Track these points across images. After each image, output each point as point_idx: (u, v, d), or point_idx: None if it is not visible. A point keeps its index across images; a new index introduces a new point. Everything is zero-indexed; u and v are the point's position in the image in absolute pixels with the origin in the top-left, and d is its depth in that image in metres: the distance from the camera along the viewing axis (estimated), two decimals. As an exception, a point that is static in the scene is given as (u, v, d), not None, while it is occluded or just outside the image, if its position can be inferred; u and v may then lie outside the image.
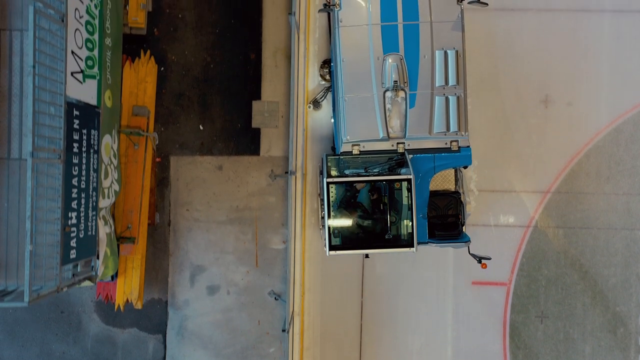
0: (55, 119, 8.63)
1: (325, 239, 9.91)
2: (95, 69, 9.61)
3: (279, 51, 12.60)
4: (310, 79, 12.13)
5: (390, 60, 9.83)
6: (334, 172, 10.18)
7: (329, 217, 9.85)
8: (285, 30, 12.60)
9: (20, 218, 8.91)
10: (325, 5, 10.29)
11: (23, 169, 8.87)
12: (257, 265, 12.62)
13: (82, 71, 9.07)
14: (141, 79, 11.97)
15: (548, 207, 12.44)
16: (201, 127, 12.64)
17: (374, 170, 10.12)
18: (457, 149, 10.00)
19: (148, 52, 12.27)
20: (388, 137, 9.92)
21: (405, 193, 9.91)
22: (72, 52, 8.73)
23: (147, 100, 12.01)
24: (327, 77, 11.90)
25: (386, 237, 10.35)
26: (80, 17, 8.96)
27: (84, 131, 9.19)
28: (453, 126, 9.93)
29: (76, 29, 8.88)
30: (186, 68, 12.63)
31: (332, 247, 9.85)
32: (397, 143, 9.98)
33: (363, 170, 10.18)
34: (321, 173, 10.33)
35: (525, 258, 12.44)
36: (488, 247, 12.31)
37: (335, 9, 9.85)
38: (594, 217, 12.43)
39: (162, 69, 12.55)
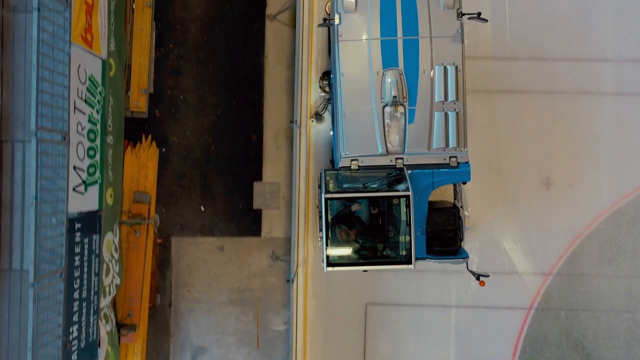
0: (57, 232, 8.64)
1: (323, 255, 9.83)
2: (97, 174, 9.63)
3: (280, 132, 12.62)
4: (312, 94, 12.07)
5: (389, 75, 9.82)
6: (332, 187, 10.11)
7: (326, 234, 9.80)
8: (286, 112, 12.63)
9: (21, 330, 8.90)
10: (325, 20, 10.27)
11: (24, 280, 8.87)
12: (259, 347, 12.60)
13: (83, 182, 9.09)
14: (142, 165, 12.00)
15: (550, 289, 12.42)
16: (202, 208, 12.65)
17: (373, 186, 10.06)
18: (456, 164, 9.99)
19: (149, 136, 12.31)
20: (387, 153, 9.91)
21: (403, 209, 9.86)
22: (75, 168, 8.75)
23: (148, 185, 12.03)
24: (327, 88, 11.89)
25: (384, 253, 10.29)
26: (82, 129, 8.99)
27: (86, 240, 9.20)
28: (452, 142, 9.93)
29: (78, 142, 8.90)
30: (187, 149, 12.66)
31: (329, 264, 9.74)
32: (396, 158, 9.96)
33: (361, 186, 10.11)
34: (319, 187, 10.30)
35: (527, 341, 12.40)
36: (489, 329, 12.30)
37: (335, 24, 9.83)
38: (596, 300, 12.40)
39: (164, 150, 12.57)
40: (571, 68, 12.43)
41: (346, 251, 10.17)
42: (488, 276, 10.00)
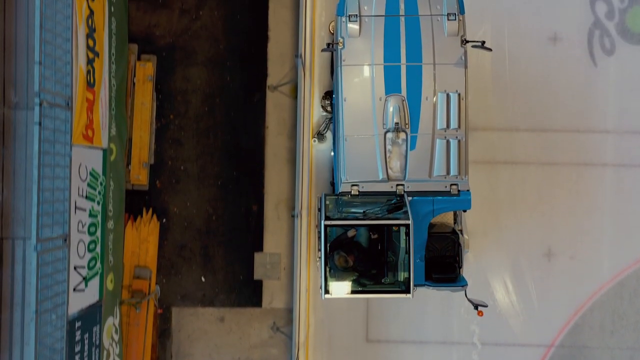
0: (57, 331, 8.61)
1: (321, 282, 9.71)
2: (98, 265, 9.60)
3: (281, 203, 12.61)
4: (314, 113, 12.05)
5: (392, 102, 9.75)
6: (331, 212, 10.04)
7: (325, 261, 9.67)
8: (287, 182, 12.61)
9: None
10: (328, 44, 10.26)
11: (24, 375, 8.85)
12: (259, 419, 12.56)
13: (84, 278, 9.06)
14: (143, 239, 11.98)
15: (552, 361, 12.40)
16: (203, 279, 12.62)
17: (374, 210, 10.01)
18: (456, 192, 9.91)
19: (150, 210, 12.29)
20: (387, 179, 9.82)
21: (403, 236, 9.78)
22: (75, 268, 8.72)
23: (148, 260, 12.00)
24: (329, 108, 11.84)
25: (383, 281, 10.22)
26: (83, 227, 8.97)
27: (86, 336, 9.16)
28: (453, 170, 9.86)
29: (79, 241, 8.88)
30: (188, 220, 12.64)
31: (327, 291, 9.65)
32: (397, 185, 9.86)
33: (362, 211, 10.06)
34: (319, 210, 10.25)
35: (529, 414, 12.37)
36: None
37: (339, 48, 9.79)
38: (599, 372, 12.38)
39: (164, 220, 12.55)
40: (572, 139, 12.44)
41: (344, 278, 10.08)
42: (486, 306, 9.93)
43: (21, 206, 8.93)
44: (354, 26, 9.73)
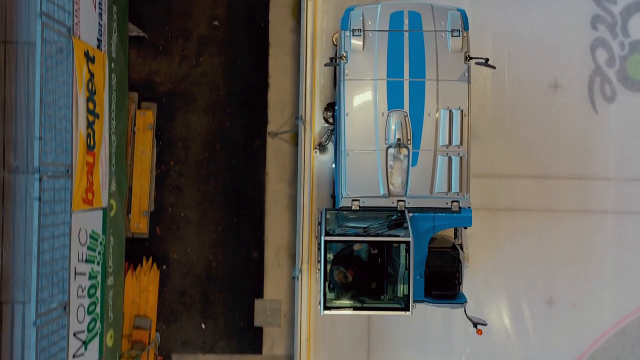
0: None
1: (320, 297, 9.61)
2: (97, 325, 9.57)
3: (282, 249, 12.58)
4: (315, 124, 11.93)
5: (394, 117, 9.68)
6: (332, 227, 9.95)
7: (325, 277, 9.59)
8: (287, 229, 12.59)
9: None
10: (331, 59, 10.16)
11: None
12: None
13: (84, 342, 9.03)
14: (143, 288, 11.95)
15: (553, 409, 12.34)
16: (203, 326, 12.58)
17: (375, 225, 9.89)
18: (457, 209, 9.86)
19: (150, 259, 12.26)
20: (388, 195, 9.76)
21: (403, 253, 9.69)
22: (75, 334, 8.69)
23: (148, 309, 11.97)
24: (331, 120, 11.72)
25: (382, 298, 10.14)
26: (83, 291, 8.94)
27: (86, 399, 9.12)
28: (455, 187, 9.80)
29: (79, 306, 8.85)
30: (188, 266, 12.61)
31: (326, 307, 9.55)
32: (398, 201, 9.80)
33: (362, 226, 9.94)
34: (319, 223, 10.20)
35: None
36: None
37: (342, 62, 9.74)
38: (600, 421, 12.32)
39: (164, 267, 12.53)
40: (573, 186, 12.40)
41: (344, 295, 10.02)
42: (485, 324, 9.88)
43: (21, 270, 8.92)
44: (357, 41, 9.68)
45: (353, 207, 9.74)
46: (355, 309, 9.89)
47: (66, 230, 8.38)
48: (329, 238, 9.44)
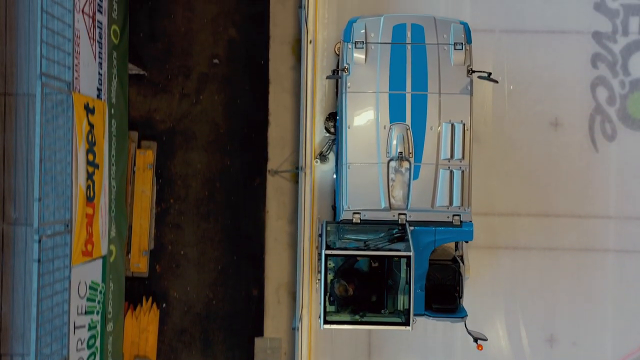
0: None
1: (320, 311, 9.58)
2: (97, 373, 9.54)
3: (282, 287, 12.55)
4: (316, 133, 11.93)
5: (396, 130, 9.70)
6: (332, 240, 9.85)
7: (325, 290, 9.55)
8: (287, 267, 12.56)
9: None
10: (334, 71, 10.16)
11: None
12: None
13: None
14: (143, 328, 11.92)
15: None
16: (203, 364, 12.56)
17: (376, 238, 9.82)
18: (459, 223, 9.84)
19: (150, 299, 12.22)
20: (390, 208, 9.76)
21: (403, 267, 9.62)
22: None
23: (148, 349, 11.94)
24: (332, 129, 11.72)
25: (382, 312, 10.09)
26: (82, 343, 8.91)
27: None
28: (456, 201, 9.80)
29: (78, 359, 8.81)
30: (188, 304, 12.57)
31: (327, 321, 9.51)
32: (399, 214, 9.80)
33: (363, 239, 9.86)
34: (320, 235, 10.19)
35: None
36: None
37: (344, 74, 9.71)
38: None
39: (164, 305, 12.49)
40: (574, 225, 12.37)
41: (344, 308, 9.96)
42: (486, 339, 9.86)
43: (20, 322, 8.88)
44: (360, 54, 9.68)
45: (354, 220, 9.74)
46: (355, 323, 9.86)
47: (65, 286, 8.35)
48: (329, 252, 9.38)
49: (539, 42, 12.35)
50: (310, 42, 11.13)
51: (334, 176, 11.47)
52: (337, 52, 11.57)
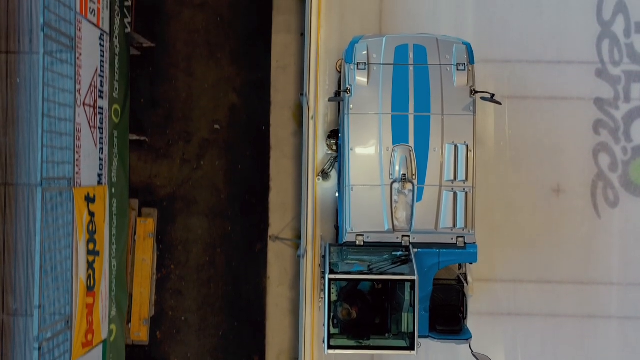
0: None
1: (325, 335, 9.47)
2: None
3: (283, 354, 12.50)
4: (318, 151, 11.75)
5: (399, 152, 9.62)
6: (335, 262, 9.75)
7: (329, 314, 9.45)
8: (289, 333, 12.50)
9: None
10: (336, 94, 10.10)
11: None
12: None
13: None
14: (144, 398, 11.85)
15: None
16: None
17: (379, 260, 9.76)
18: (463, 245, 9.76)
19: (151, 368, 12.20)
20: (393, 230, 9.67)
21: (407, 290, 9.51)
22: None
23: (149, 420, 11.87)
24: (334, 147, 11.60)
25: (387, 336, 10.01)
26: None
27: None
28: (460, 222, 9.71)
29: None
30: (189, 370, 12.52)
31: (330, 346, 9.36)
32: (402, 236, 9.71)
33: (366, 259, 9.81)
34: (323, 257, 10.09)
35: None
36: None
37: (346, 95, 9.63)
38: None
39: (165, 371, 12.45)
40: (576, 291, 12.30)
41: (348, 332, 9.85)
42: None
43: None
44: (362, 74, 9.61)
45: (357, 243, 9.64)
46: (359, 348, 9.73)
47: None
48: (333, 276, 9.27)
49: (541, 108, 12.31)
50: (312, 118, 11.08)
51: (336, 194, 11.40)
52: (339, 69, 11.45)
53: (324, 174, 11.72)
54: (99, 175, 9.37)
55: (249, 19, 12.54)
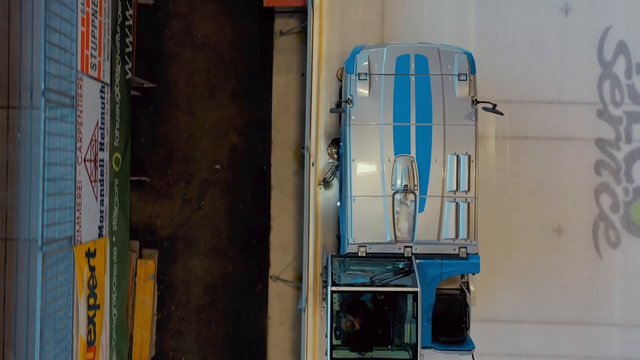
0: None
1: (327, 348, 9.42)
2: None
3: (284, 392, 12.48)
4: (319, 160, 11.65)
5: (401, 163, 9.57)
6: (337, 274, 9.72)
7: (332, 328, 9.42)
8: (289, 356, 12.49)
9: None
10: (338, 104, 10.04)
11: None
12: None
13: None
14: None
15: None
16: None
17: (382, 271, 9.66)
18: (465, 256, 9.71)
19: (151, 414, 12.15)
20: (395, 241, 9.62)
21: (410, 301, 9.49)
22: None
23: None
24: (335, 156, 11.53)
25: (389, 347, 9.92)
26: None
27: None
28: (462, 233, 9.65)
29: None
30: (190, 411, 12.49)
31: (333, 358, 9.35)
32: (405, 247, 9.65)
33: (369, 270, 9.72)
34: (325, 267, 10.06)
35: None
36: None
37: (348, 106, 9.59)
38: None
39: (165, 412, 12.40)
40: (578, 332, 12.26)
41: (351, 343, 9.74)
42: None
43: None
44: (363, 85, 9.57)
45: (359, 254, 9.59)
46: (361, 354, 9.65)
47: None
48: (335, 288, 9.24)
49: (542, 148, 12.29)
50: (313, 164, 11.05)
51: (338, 204, 11.31)
52: (339, 78, 11.38)
53: (326, 183, 11.65)
54: (100, 228, 9.34)
55: (249, 59, 12.52)
